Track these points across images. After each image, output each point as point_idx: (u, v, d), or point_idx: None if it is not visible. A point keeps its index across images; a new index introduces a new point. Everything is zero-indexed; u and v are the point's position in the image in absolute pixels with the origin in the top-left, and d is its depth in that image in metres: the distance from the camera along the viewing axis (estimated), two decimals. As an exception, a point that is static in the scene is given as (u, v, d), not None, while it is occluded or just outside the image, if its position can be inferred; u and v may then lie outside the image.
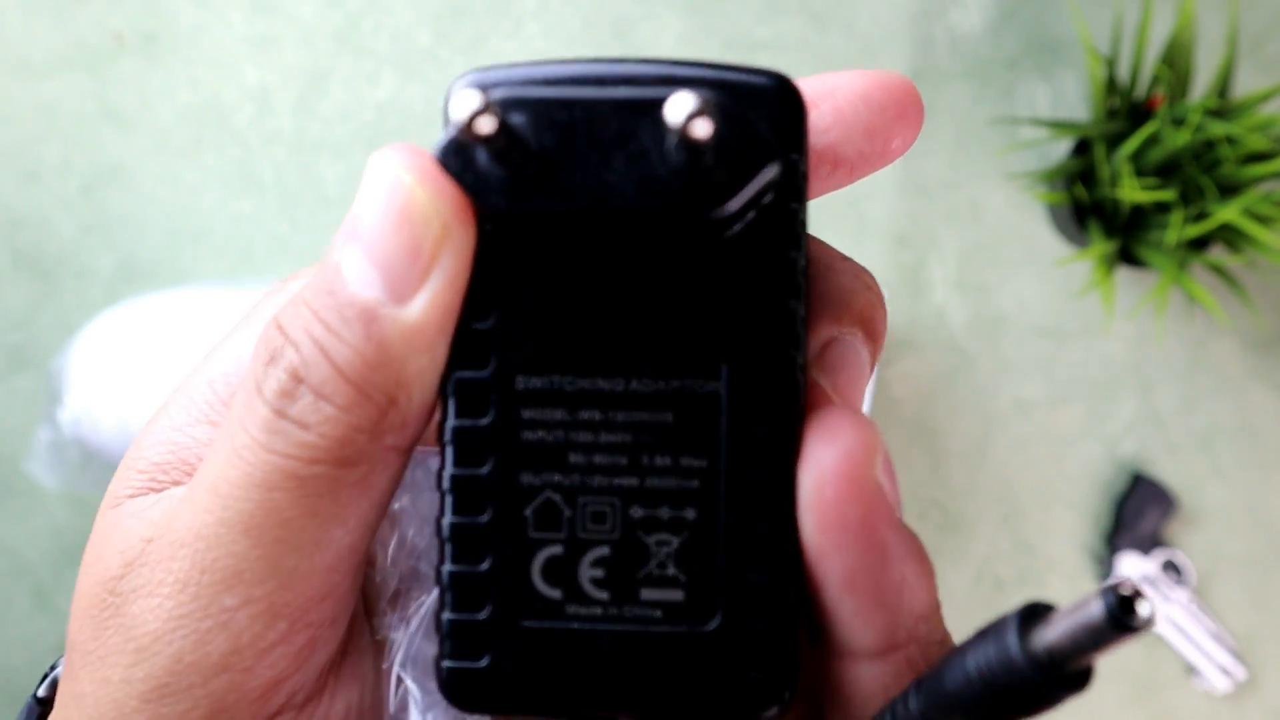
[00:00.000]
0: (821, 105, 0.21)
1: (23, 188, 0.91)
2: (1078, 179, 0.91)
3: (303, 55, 0.93)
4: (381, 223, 0.19)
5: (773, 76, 0.20)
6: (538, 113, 0.19)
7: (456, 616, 0.19)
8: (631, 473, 0.19)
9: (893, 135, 0.21)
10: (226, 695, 0.19)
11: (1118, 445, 0.96)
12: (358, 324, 0.18)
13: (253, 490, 0.18)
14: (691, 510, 0.19)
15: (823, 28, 0.95)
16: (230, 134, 0.92)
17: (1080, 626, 0.15)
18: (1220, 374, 0.97)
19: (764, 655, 0.19)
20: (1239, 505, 0.96)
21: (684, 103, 0.17)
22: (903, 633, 0.19)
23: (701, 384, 0.19)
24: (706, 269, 0.19)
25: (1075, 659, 0.16)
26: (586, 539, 0.19)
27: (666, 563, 0.19)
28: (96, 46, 0.92)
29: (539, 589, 0.19)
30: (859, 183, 0.23)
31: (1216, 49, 0.91)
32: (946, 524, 0.94)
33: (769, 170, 0.18)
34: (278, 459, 0.18)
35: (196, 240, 0.91)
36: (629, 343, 0.19)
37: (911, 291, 0.95)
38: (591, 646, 0.19)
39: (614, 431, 0.19)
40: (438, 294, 0.19)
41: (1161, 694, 0.94)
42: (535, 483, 0.19)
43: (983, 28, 0.96)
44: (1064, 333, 0.96)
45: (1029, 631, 0.16)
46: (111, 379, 0.74)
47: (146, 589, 0.19)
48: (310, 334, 0.19)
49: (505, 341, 0.19)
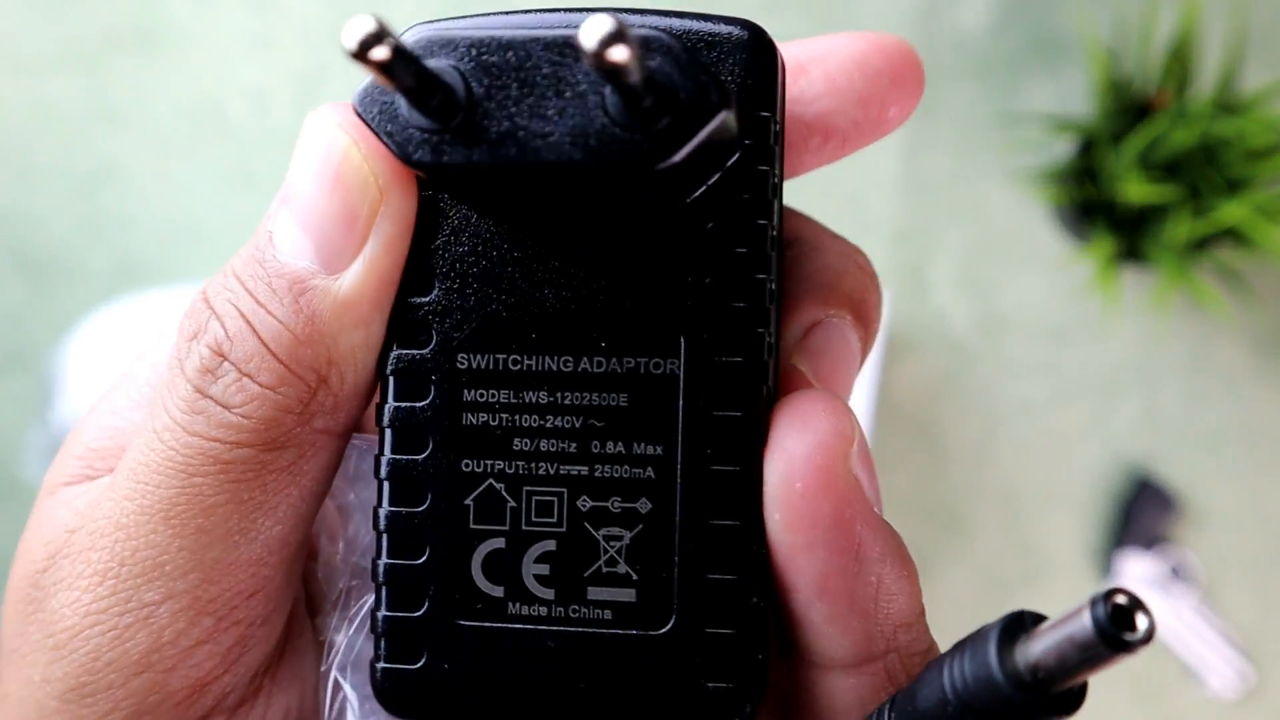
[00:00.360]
0: (812, 71, 0.19)
1: (17, 186, 0.91)
2: (1082, 177, 0.90)
3: (300, 54, 0.93)
4: (315, 187, 0.17)
5: (744, 25, 0.18)
6: (461, 54, 0.16)
7: (392, 614, 0.18)
8: (581, 460, 0.18)
9: (889, 103, 0.19)
10: (148, 696, 0.18)
11: (1121, 445, 0.95)
12: (287, 296, 0.17)
13: (174, 475, 0.17)
14: (646, 502, 0.18)
15: (824, 24, 0.94)
16: (227, 132, 0.92)
17: (1068, 641, 0.13)
18: (1226, 373, 0.96)
19: (723, 662, 0.17)
20: (1245, 506, 0.95)
21: (598, 26, 0.14)
22: (881, 642, 0.17)
23: (658, 364, 0.18)
24: (665, 237, 0.18)
25: (1063, 679, 0.14)
26: (531, 532, 0.18)
27: (617, 559, 0.18)
28: (92, 44, 0.91)
29: (480, 586, 0.18)
30: (860, 180, 0.22)
31: (1222, 44, 0.90)
32: (949, 525, 0.94)
33: (721, 117, 0.16)
34: (200, 441, 0.17)
35: (192, 239, 0.91)
36: (580, 318, 0.18)
37: (914, 291, 0.94)
38: (535, 650, 0.18)
39: (563, 415, 0.18)
40: (373, 264, 0.17)
41: (1167, 696, 0.93)
42: (477, 470, 0.18)
43: (986, 24, 0.95)
44: (1067, 332, 0.95)
45: (1012, 646, 0.14)
46: (105, 379, 0.73)
47: (66, 582, 0.18)
48: (236, 306, 0.17)
49: (446, 316, 0.18)
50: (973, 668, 0.15)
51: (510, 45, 0.16)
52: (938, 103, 0.95)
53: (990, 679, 0.14)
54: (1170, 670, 0.93)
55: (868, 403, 0.85)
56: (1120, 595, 0.13)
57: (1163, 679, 0.93)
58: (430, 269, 0.18)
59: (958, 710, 0.15)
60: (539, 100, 0.16)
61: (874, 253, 0.21)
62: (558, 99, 0.16)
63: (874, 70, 0.19)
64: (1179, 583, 0.93)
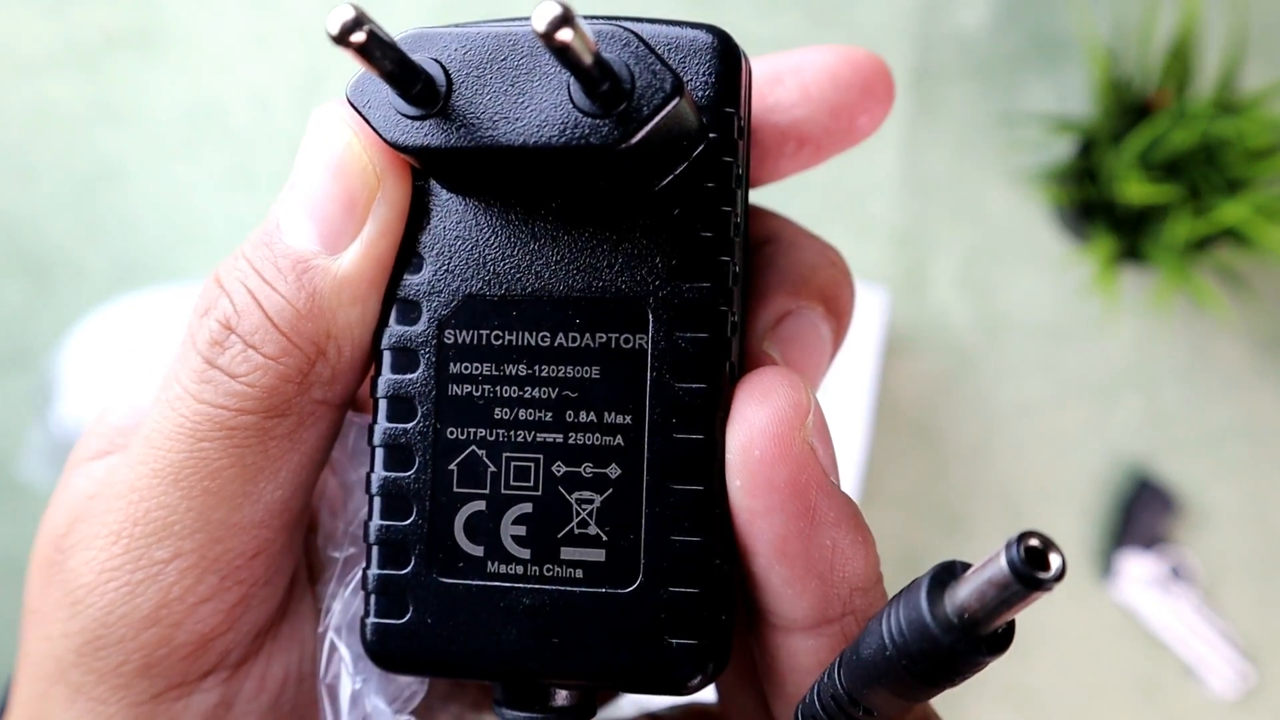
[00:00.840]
0: (788, 82, 0.21)
1: (17, 186, 0.91)
2: (1082, 177, 0.90)
3: (300, 54, 0.93)
4: (319, 174, 0.19)
5: (709, 30, 0.20)
6: (442, 48, 0.18)
7: (381, 572, 0.19)
8: (556, 429, 0.19)
9: (858, 113, 0.21)
10: (156, 649, 0.19)
11: (1121, 445, 0.95)
12: (291, 274, 0.19)
13: (183, 440, 0.18)
14: (615, 468, 0.19)
15: (824, 25, 0.94)
16: (227, 132, 0.92)
17: (989, 584, 0.15)
18: (1226, 373, 0.96)
19: (687, 621, 0.19)
20: (1245, 506, 0.95)
21: (547, 10, 0.16)
22: (837, 605, 0.18)
23: (628, 339, 0.19)
24: (636, 222, 0.19)
25: (988, 620, 0.15)
26: (510, 495, 0.19)
27: (588, 521, 0.19)
28: (92, 44, 0.91)
29: (462, 546, 0.19)
30: (860, 180, 0.22)
31: (1222, 44, 0.90)
32: (949, 525, 0.94)
33: (675, 102, 0.18)
34: (207, 409, 0.18)
35: (192, 239, 0.91)
36: (556, 297, 0.19)
37: (914, 291, 0.94)
38: (512, 606, 0.19)
39: (540, 386, 0.19)
40: (370, 245, 0.19)
41: (1167, 696, 0.93)
42: (461, 438, 0.19)
43: (985, 25, 0.95)
44: (1067, 332, 0.95)
45: (941, 593, 0.15)
46: (105, 378, 0.73)
47: (84, 542, 0.19)
48: (245, 283, 0.19)
49: (435, 295, 0.19)
50: (907, 615, 0.16)
51: (487, 40, 0.18)
52: (938, 103, 0.95)
53: (922, 624, 0.15)
54: (1170, 670, 0.93)
55: (868, 403, 0.85)
56: (1033, 538, 0.14)
57: (1163, 679, 0.93)
58: (421, 251, 0.20)
59: (896, 657, 0.16)
60: (513, 89, 0.18)
61: (874, 253, 0.22)
62: (530, 88, 0.18)
63: (845, 82, 0.21)
64: (1179, 583, 0.93)
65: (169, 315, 0.75)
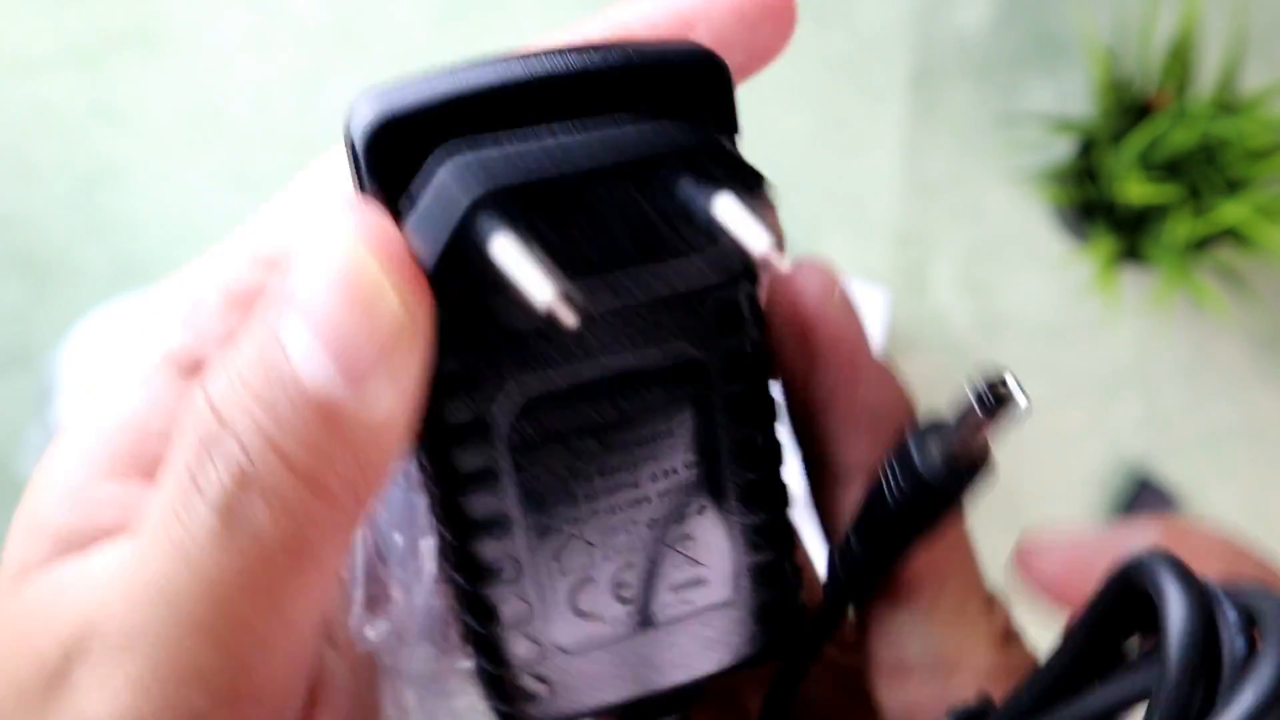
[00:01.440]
0: (698, 28, 0.20)
1: (17, 186, 0.91)
2: (1082, 177, 0.90)
3: (300, 54, 0.93)
4: (328, 296, 0.16)
5: (695, 55, 0.18)
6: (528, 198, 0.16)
7: (497, 671, 0.20)
8: (635, 487, 0.19)
9: (773, 47, 0.21)
10: None
11: (1121, 445, 0.95)
12: (314, 421, 0.16)
13: (203, 588, 0.16)
14: (697, 504, 0.20)
15: (824, 25, 0.94)
16: (227, 132, 0.92)
17: (964, 420, 0.17)
18: (1226, 373, 0.96)
19: (769, 620, 0.21)
20: (1245, 506, 0.95)
21: (733, 209, 0.16)
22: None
23: (686, 387, 0.19)
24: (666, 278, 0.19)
25: (966, 453, 0.18)
26: (611, 559, 0.20)
27: (683, 558, 0.20)
28: (92, 44, 0.91)
29: (575, 618, 0.20)
30: (860, 180, 0.22)
31: (1222, 44, 0.90)
32: (949, 525, 0.94)
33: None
34: (227, 558, 0.16)
35: (192, 239, 0.91)
36: (614, 372, 0.19)
37: (914, 291, 0.94)
38: (633, 649, 0.20)
39: (614, 453, 0.19)
40: (405, 387, 0.16)
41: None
42: (554, 527, 0.19)
43: (986, 24, 0.95)
44: (1067, 332, 0.95)
45: (926, 441, 0.18)
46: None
47: (97, 686, 0.17)
48: (255, 422, 0.16)
49: (489, 406, 0.18)
50: (899, 464, 0.18)
51: (567, 185, 0.16)
52: (938, 103, 0.94)
53: (913, 469, 0.18)
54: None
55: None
56: (993, 373, 0.17)
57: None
58: (458, 367, 0.18)
59: (896, 507, 0.18)
60: (609, 227, 0.17)
61: (874, 253, 0.22)
62: (631, 222, 0.17)
63: (753, 19, 0.20)
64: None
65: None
